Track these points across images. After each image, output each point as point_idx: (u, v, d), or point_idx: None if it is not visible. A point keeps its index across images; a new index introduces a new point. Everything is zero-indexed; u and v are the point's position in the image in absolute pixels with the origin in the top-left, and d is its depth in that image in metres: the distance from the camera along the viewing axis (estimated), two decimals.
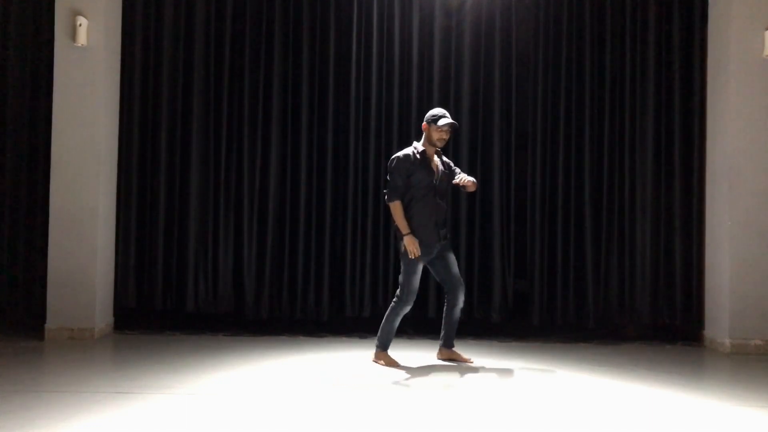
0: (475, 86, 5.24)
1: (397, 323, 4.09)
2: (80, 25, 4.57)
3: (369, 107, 5.21)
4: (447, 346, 4.23)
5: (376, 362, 4.10)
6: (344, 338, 4.88)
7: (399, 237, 4.05)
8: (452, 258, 4.17)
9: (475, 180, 4.09)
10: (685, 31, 5.16)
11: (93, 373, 3.75)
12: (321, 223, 5.18)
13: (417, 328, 5.04)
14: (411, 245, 3.94)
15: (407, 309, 4.05)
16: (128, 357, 4.17)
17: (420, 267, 4.03)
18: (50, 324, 4.62)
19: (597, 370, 4.06)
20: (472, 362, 4.16)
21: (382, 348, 4.10)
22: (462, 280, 4.19)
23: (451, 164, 4.28)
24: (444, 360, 4.22)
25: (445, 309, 4.20)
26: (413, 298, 4.03)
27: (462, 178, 4.05)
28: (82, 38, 4.59)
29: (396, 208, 4.01)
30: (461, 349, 4.33)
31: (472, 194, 5.20)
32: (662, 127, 5.17)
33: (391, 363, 4.05)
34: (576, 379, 3.82)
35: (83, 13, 4.63)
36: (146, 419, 2.89)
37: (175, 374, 3.70)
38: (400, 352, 4.37)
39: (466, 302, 5.13)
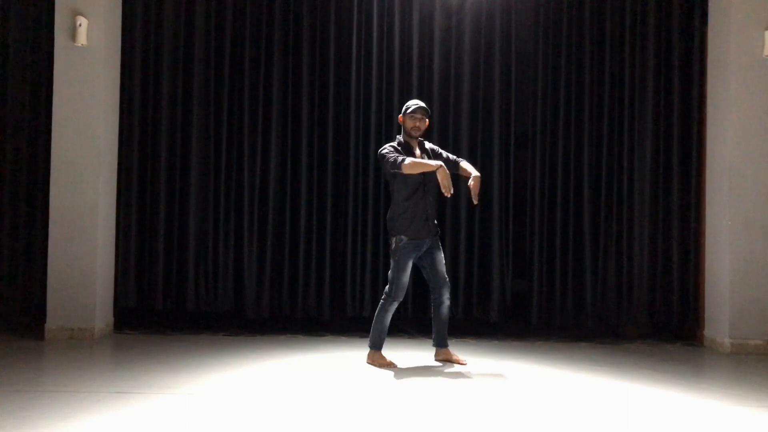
0: (475, 86, 5.24)
1: (387, 321, 4.03)
2: (80, 25, 4.57)
3: (369, 107, 5.21)
4: (441, 346, 4.17)
5: (370, 364, 4.04)
6: (344, 338, 4.88)
7: (391, 233, 4.01)
8: (440, 256, 4.09)
9: (477, 175, 3.97)
10: (685, 31, 5.17)
11: (93, 373, 3.75)
12: (321, 223, 5.18)
13: (419, 328, 5.04)
14: (445, 179, 3.79)
15: (396, 305, 4.00)
16: (128, 357, 4.16)
17: (410, 263, 3.99)
18: (50, 324, 4.62)
19: (597, 370, 4.06)
20: (465, 364, 4.10)
21: (375, 348, 4.05)
22: (447, 279, 4.10)
23: (438, 150, 4.20)
24: (441, 361, 4.17)
25: (432, 309, 4.14)
26: (402, 294, 3.99)
27: (471, 181, 3.95)
28: (82, 38, 4.59)
29: (411, 165, 3.85)
30: (461, 349, 4.32)
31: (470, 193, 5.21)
32: (662, 127, 5.17)
33: (384, 364, 4.00)
34: (576, 379, 3.82)
35: (83, 13, 4.63)
36: (146, 419, 2.89)
37: (175, 374, 3.70)
38: (400, 351, 4.38)
39: (465, 301, 5.19)
